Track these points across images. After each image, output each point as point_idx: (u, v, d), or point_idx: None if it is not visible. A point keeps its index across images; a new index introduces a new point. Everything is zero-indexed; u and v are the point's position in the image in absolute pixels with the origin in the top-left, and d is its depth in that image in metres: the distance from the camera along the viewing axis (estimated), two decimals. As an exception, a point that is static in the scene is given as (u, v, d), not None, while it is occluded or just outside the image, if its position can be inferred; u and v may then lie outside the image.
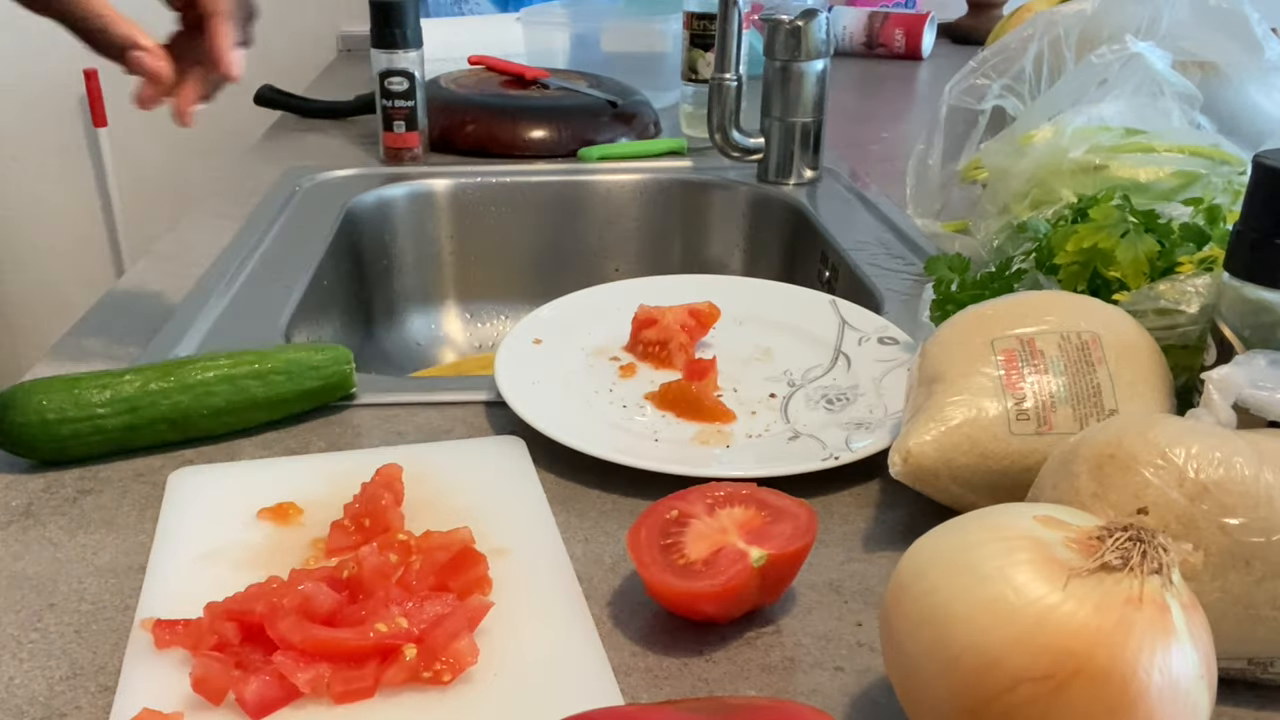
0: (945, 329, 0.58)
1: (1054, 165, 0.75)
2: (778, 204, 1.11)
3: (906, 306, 0.81)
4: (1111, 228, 0.63)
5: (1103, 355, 0.53)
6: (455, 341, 1.17)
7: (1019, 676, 0.35)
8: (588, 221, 1.17)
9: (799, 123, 1.09)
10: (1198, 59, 0.84)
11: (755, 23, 1.37)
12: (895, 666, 0.40)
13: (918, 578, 0.39)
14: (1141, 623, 0.34)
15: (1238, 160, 0.72)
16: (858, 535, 0.56)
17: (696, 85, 1.25)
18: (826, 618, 0.50)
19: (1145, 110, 0.77)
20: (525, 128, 1.20)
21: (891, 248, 0.94)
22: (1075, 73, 0.82)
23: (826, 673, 0.46)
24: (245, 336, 0.75)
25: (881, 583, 0.52)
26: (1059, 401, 0.52)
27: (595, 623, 0.49)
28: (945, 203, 0.90)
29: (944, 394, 0.54)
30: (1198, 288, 0.57)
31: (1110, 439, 0.44)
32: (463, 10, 1.84)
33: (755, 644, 0.48)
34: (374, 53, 1.14)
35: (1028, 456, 0.51)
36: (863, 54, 1.81)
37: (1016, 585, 0.36)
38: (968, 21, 1.93)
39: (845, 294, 0.94)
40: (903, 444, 0.53)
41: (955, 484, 0.53)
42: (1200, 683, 0.35)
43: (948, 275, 0.69)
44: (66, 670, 0.46)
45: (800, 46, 1.05)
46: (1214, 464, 0.41)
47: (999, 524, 0.39)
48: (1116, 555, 0.35)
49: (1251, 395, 0.46)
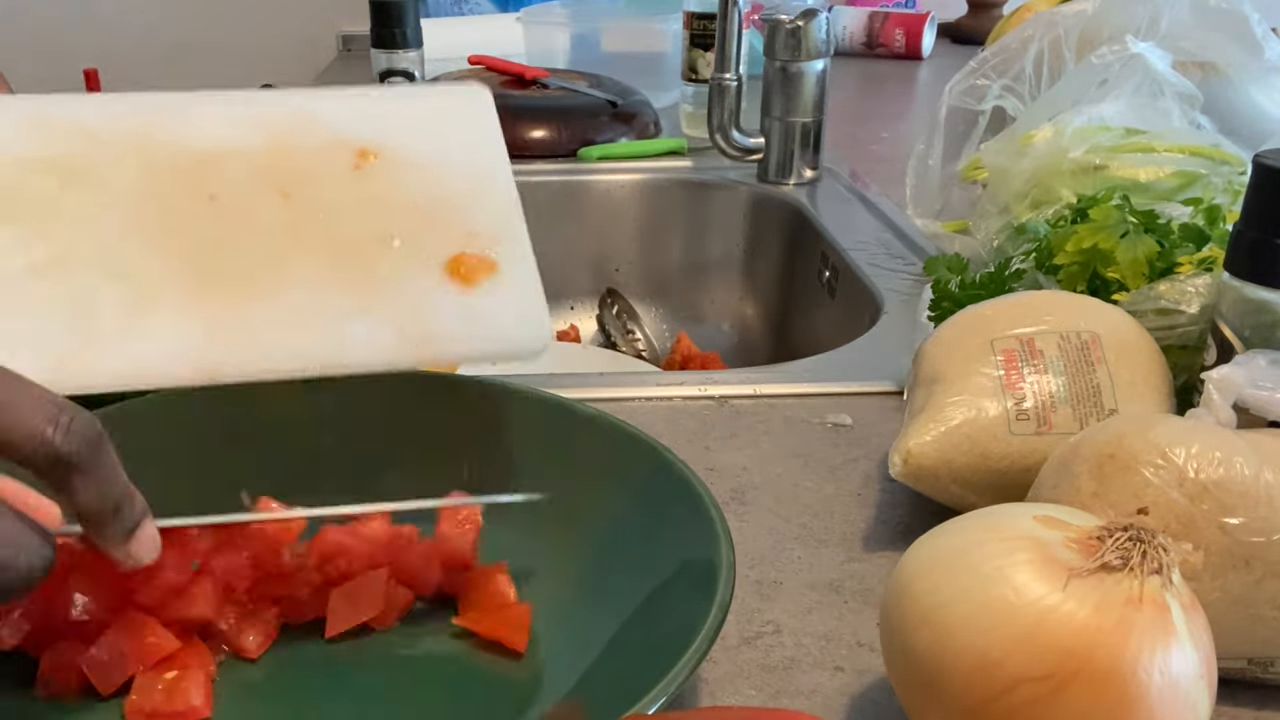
0: (945, 329, 0.58)
1: (1054, 165, 0.75)
2: (778, 204, 1.11)
3: (906, 306, 0.81)
4: (1111, 228, 0.63)
5: (1102, 355, 0.53)
6: (455, 341, 1.17)
7: (1019, 677, 0.35)
8: (588, 221, 1.17)
9: (799, 123, 1.09)
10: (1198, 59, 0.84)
11: (755, 23, 1.37)
12: (895, 667, 0.40)
13: (918, 578, 0.39)
14: (1141, 623, 0.34)
15: (1238, 160, 0.72)
16: (858, 535, 0.56)
17: (696, 85, 1.25)
18: (826, 618, 0.50)
19: (1145, 110, 0.77)
20: (525, 128, 1.20)
21: (891, 248, 0.94)
22: (1075, 73, 0.82)
23: (826, 673, 0.46)
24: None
25: (881, 583, 0.52)
26: (1059, 401, 0.52)
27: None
28: (945, 203, 0.90)
29: (944, 394, 0.54)
30: (1198, 288, 0.57)
31: (1110, 439, 0.44)
32: (463, 10, 1.84)
33: (755, 644, 0.48)
34: (374, 53, 1.14)
35: (1028, 456, 0.51)
36: (863, 54, 1.81)
37: (1016, 585, 0.36)
38: (968, 21, 1.93)
39: (845, 294, 0.94)
40: (903, 444, 0.53)
41: (955, 484, 0.53)
42: (1200, 683, 0.35)
43: (947, 275, 0.69)
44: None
45: (800, 46, 1.05)
46: (1214, 464, 0.41)
47: (999, 524, 0.39)
48: (1116, 555, 0.35)
49: (1251, 395, 0.46)
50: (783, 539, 0.55)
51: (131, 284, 0.48)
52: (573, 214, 1.16)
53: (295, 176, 0.52)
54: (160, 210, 0.50)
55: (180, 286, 0.48)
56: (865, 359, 0.75)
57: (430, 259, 0.51)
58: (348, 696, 0.44)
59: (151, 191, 0.51)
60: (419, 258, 0.51)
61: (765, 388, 0.70)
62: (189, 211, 0.51)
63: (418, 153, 0.54)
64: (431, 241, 0.52)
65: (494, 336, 0.51)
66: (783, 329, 1.12)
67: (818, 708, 0.44)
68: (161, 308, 0.48)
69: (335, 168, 0.53)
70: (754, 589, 0.51)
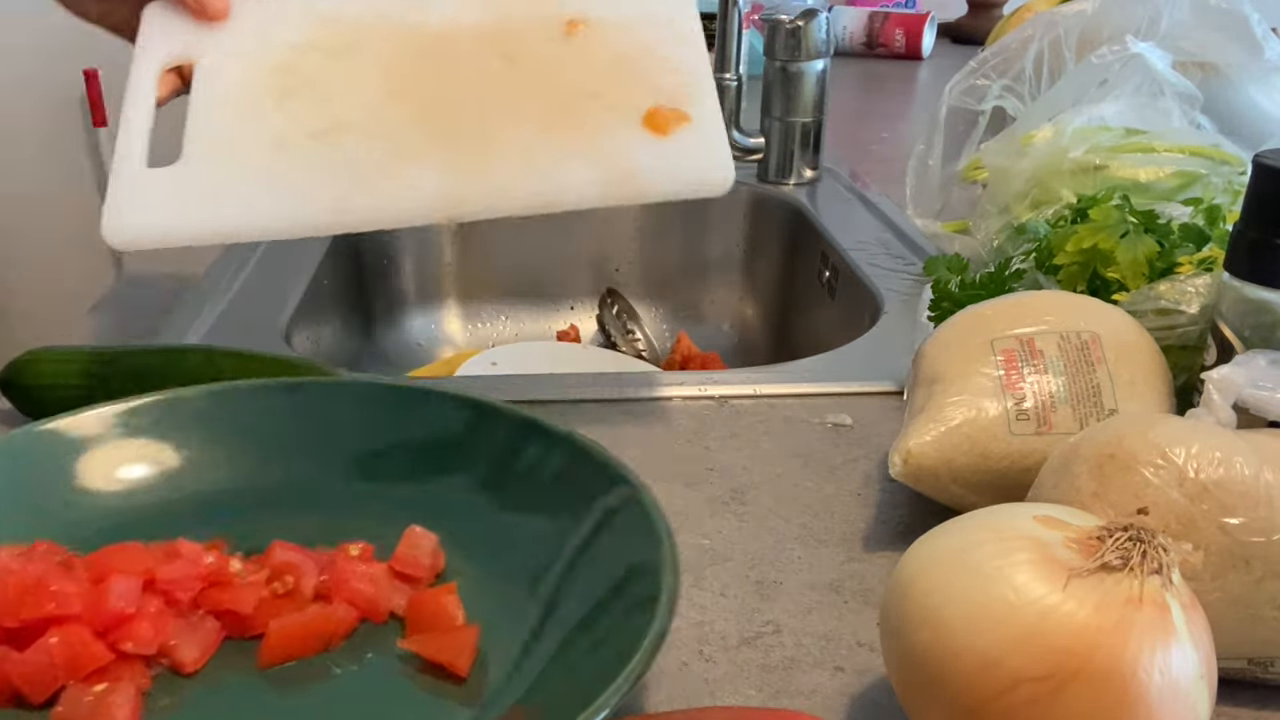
0: (944, 329, 0.58)
1: (1054, 165, 0.75)
2: (778, 204, 1.11)
3: (906, 306, 0.81)
4: (1111, 228, 0.63)
5: (1102, 355, 0.53)
6: (455, 341, 1.17)
7: (1019, 677, 0.35)
8: (588, 221, 1.17)
9: (799, 123, 1.09)
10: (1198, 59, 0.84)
11: (755, 23, 1.37)
12: (895, 667, 0.40)
13: (918, 578, 0.39)
14: (1141, 623, 0.34)
15: (1238, 160, 0.72)
16: (858, 535, 0.56)
17: (696, 85, 1.24)
18: (826, 618, 0.50)
19: (1145, 110, 0.77)
20: (525, 128, 1.20)
21: (891, 248, 0.94)
22: (1075, 73, 0.82)
23: (826, 673, 0.46)
24: (244, 337, 0.75)
25: (881, 583, 0.52)
26: (1059, 401, 0.52)
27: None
28: (945, 203, 0.90)
29: (944, 394, 0.54)
30: (1198, 288, 0.57)
31: (1110, 439, 0.44)
32: (463, 10, 1.84)
33: (755, 644, 0.48)
34: (374, 53, 1.14)
35: (1028, 456, 0.51)
36: (863, 54, 1.82)
37: (1016, 585, 0.36)
38: (968, 21, 1.93)
39: (845, 294, 0.94)
40: (903, 444, 0.53)
41: (955, 484, 0.53)
42: (1200, 683, 0.35)
43: (947, 275, 0.69)
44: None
45: (800, 46, 1.05)
46: (1214, 464, 0.41)
47: (999, 524, 0.39)
48: (1116, 555, 0.35)
49: (1251, 395, 0.46)
50: (783, 539, 0.55)
51: (388, 141, 0.58)
52: (573, 214, 1.16)
53: (516, 44, 0.62)
54: (406, 79, 0.61)
55: (428, 141, 0.58)
56: (865, 359, 0.75)
57: (631, 111, 0.59)
58: (282, 718, 0.43)
59: (398, 63, 0.62)
60: (620, 110, 0.59)
61: (765, 388, 0.70)
62: (430, 78, 0.61)
63: (620, 16, 0.64)
64: (631, 95, 0.60)
65: (685, 177, 0.58)
66: (783, 329, 1.12)
67: (818, 708, 0.44)
68: (413, 160, 0.57)
69: (549, 35, 0.63)
70: (754, 589, 0.51)
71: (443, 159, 0.57)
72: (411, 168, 0.57)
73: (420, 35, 0.63)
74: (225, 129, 0.60)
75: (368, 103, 0.60)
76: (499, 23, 0.63)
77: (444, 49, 0.62)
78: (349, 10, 0.64)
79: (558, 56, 0.62)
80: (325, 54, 0.62)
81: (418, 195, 0.56)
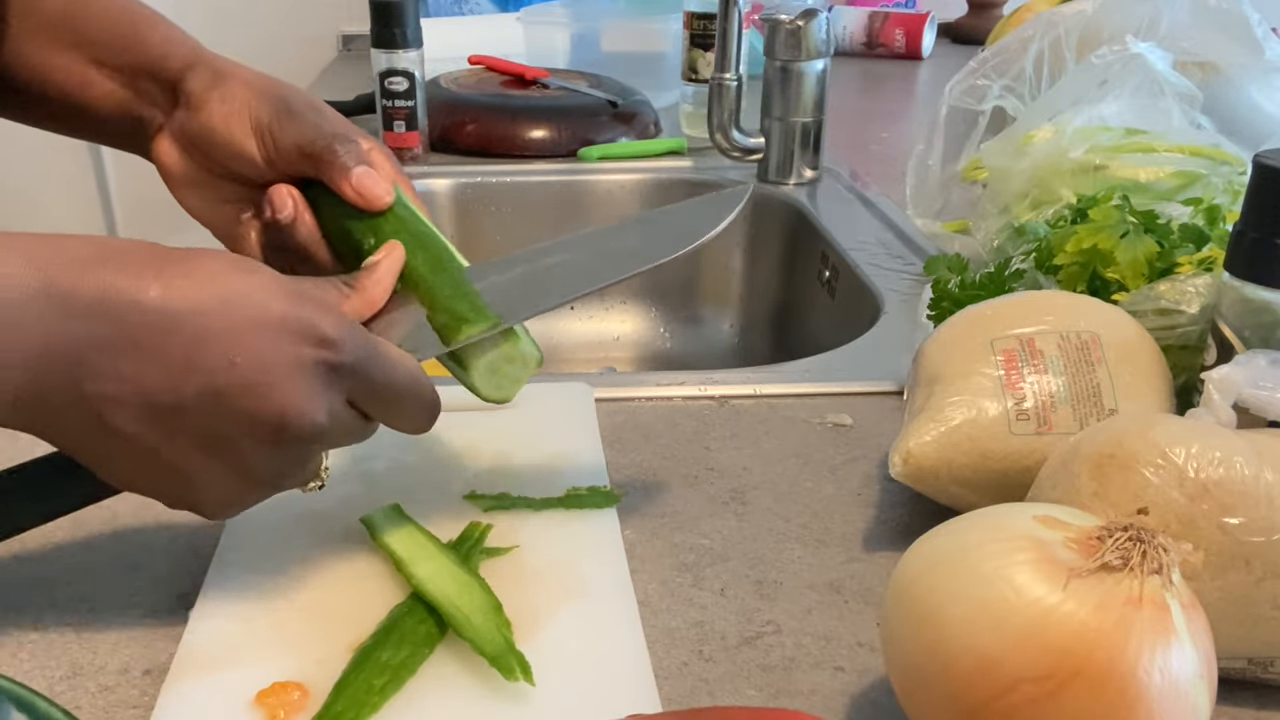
0: (944, 329, 0.58)
1: (1054, 165, 0.75)
2: (778, 204, 1.11)
3: (906, 306, 0.81)
4: (1111, 228, 0.63)
5: (1102, 355, 0.53)
6: (455, 341, 1.17)
7: (1019, 677, 0.35)
8: (588, 221, 1.17)
9: (799, 123, 1.08)
10: (1198, 59, 0.84)
11: (755, 23, 1.37)
12: (895, 667, 0.40)
13: (918, 578, 0.39)
14: (1141, 623, 0.34)
15: (1238, 160, 0.72)
16: (858, 535, 0.56)
17: (696, 85, 1.25)
18: (826, 618, 0.50)
19: (1145, 110, 0.77)
20: (525, 127, 1.20)
21: (891, 248, 0.94)
22: (1075, 73, 0.82)
23: (826, 673, 0.46)
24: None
25: (881, 583, 0.52)
26: (1059, 401, 0.52)
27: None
28: (945, 203, 0.90)
29: (944, 394, 0.54)
30: (1198, 288, 0.57)
31: (1110, 439, 0.44)
32: (463, 10, 1.84)
33: (755, 644, 0.48)
34: (374, 53, 1.14)
35: (1028, 456, 0.51)
36: (863, 54, 1.81)
37: (1016, 585, 0.36)
38: (968, 21, 1.93)
39: (845, 294, 0.94)
40: (903, 444, 0.53)
41: (955, 484, 0.53)
42: (1200, 683, 0.35)
43: (947, 275, 0.69)
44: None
45: (800, 46, 1.05)
46: (1214, 464, 0.41)
47: (999, 524, 0.39)
48: (1116, 555, 0.35)
49: (1251, 395, 0.46)
50: (783, 539, 0.55)
51: None
52: (573, 214, 1.16)
53: None
54: None
55: None
56: (865, 359, 0.75)
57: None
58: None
59: None
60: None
61: (765, 388, 0.70)
62: None
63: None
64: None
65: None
66: (783, 329, 1.12)
67: (818, 708, 0.44)
68: None
69: None
70: (754, 589, 0.51)
71: None
72: None
73: None
74: None
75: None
76: None
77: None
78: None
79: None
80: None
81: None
